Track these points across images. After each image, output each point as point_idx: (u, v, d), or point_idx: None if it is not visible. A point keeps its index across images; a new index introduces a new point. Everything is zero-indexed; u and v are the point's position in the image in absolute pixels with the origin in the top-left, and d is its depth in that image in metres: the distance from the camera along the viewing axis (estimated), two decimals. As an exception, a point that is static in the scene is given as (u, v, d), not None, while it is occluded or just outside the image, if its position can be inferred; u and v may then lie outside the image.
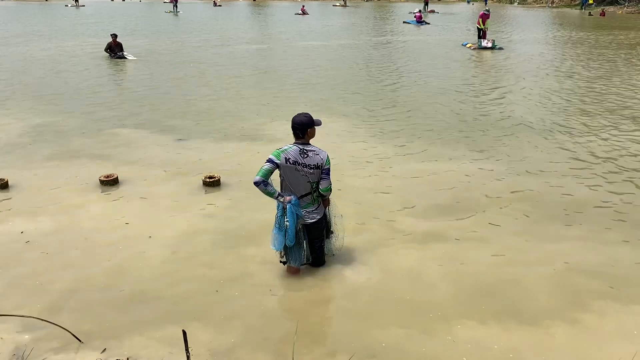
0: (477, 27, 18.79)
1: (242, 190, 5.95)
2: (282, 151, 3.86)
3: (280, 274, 4.24)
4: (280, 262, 4.20)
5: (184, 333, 2.84)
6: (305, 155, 3.84)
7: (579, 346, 3.47)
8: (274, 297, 4.00)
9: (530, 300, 3.95)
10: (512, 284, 4.15)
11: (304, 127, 3.85)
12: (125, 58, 15.84)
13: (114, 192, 5.98)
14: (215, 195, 5.89)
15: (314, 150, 3.88)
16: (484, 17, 18.48)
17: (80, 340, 3.43)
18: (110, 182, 6.10)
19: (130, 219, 5.26)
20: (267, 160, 3.87)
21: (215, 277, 4.23)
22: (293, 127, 3.89)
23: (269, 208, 5.38)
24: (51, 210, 5.47)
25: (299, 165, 3.83)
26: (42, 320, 3.46)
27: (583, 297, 3.99)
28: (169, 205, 5.62)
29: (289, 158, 3.83)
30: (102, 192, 5.96)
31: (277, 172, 3.92)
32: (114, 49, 16.02)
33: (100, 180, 6.13)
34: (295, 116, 3.92)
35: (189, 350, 2.87)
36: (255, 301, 3.91)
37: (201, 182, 6.11)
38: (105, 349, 3.39)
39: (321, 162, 3.86)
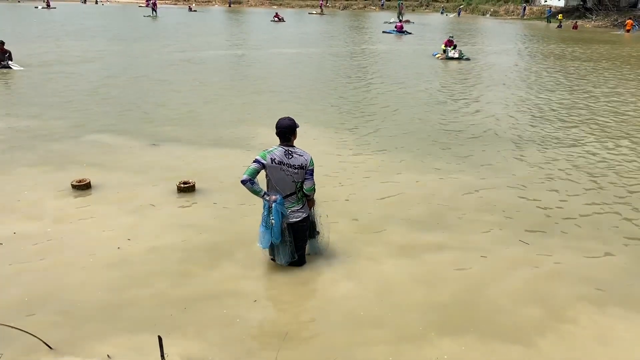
0: (442, 48, 19.33)
1: (217, 195, 5.93)
2: (268, 152, 4.07)
3: (256, 284, 4.23)
4: (271, 259, 4.42)
5: (160, 338, 2.82)
6: (290, 156, 4.06)
7: (566, 356, 3.50)
8: (250, 308, 3.93)
9: (512, 312, 3.94)
10: (493, 297, 4.14)
11: (291, 130, 4.08)
12: (10, 68, 14.05)
13: (86, 197, 5.87)
14: (189, 201, 5.83)
15: (298, 152, 4.10)
16: (448, 43, 19.26)
17: (50, 347, 3.36)
18: (82, 187, 5.99)
19: (100, 226, 5.17)
20: (253, 160, 4.07)
21: (188, 288, 4.16)
22: (281, 131, 4.08)
23: (242, 214, 5.39)
24: (19, 215, 5.35)
25: (284, 165, 4.05)
26: (10, 327, 3.36)
27: (565, 306, 4.03)
28: (142, 211, 5.54)
29: (275, 158, 4.04)
30: (73, 197, 5.84)
31: (263, 173, 4.11)
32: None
33: (72, 184, 6.01)
34: (280, 120, 4.11)
35: (165, 356, 2.85)
36: (231, 312, 3.85)
37: (175, 188, 6.05)
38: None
39: (305, 162, 4.09)
